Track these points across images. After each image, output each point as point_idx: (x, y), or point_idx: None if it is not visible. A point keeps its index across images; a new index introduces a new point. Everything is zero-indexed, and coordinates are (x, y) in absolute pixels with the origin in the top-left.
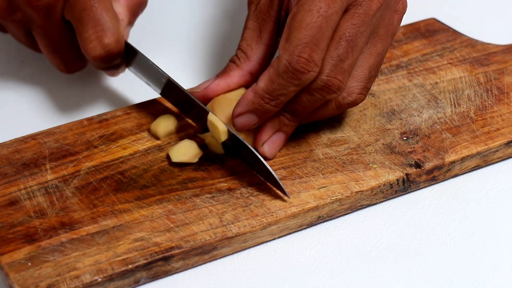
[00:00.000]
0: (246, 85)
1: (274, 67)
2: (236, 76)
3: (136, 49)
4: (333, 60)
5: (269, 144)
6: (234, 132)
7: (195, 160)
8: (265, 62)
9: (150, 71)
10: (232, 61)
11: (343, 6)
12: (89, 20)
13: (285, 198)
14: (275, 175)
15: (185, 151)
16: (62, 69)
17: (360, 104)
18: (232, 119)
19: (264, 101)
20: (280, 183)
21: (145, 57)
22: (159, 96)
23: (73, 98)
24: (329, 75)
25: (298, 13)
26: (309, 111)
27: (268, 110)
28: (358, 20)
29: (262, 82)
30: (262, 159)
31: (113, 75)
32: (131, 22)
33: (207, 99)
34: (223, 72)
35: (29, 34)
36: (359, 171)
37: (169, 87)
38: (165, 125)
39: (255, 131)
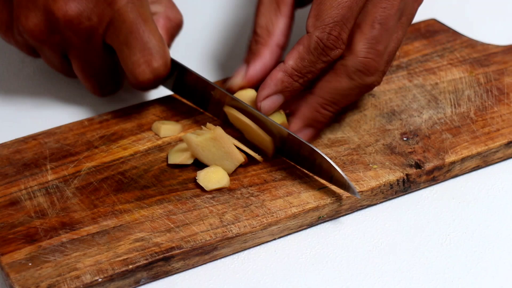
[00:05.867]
0: (278, 59)
1: (304, 44)
2: (267, 53)
3: (183, 65)
4: (368, 42)
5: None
6: (294, 134)
7: (190, 161)
8: (288, 33)
9: (195, 87)
10: (255, 42)
11: None
12: (136, 44)
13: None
14: (343, 174)
15: (180, 153)
16: (97, 92)
17: (360, 104)
18: (257, 103)
19: (293, 79)
20: (349, 182)
21: (192, 71)
22: (163, 96)
23: (74, 98)
24: (367, 56)
25: None
26: (348, 101)
27: (296, 89)
28: (387, 3)
29: (291, 61)
30: (329, 159)
31: (146, 91)
32: (168, 45)
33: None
34: (252, 55)
35: (64, 57)
36: (359, 172)
37: (208, 97)
38: (168, 127)
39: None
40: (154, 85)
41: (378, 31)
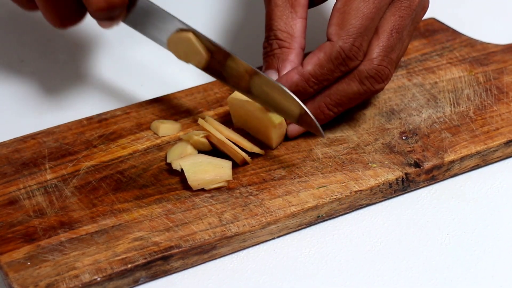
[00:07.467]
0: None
1: (325, 52)
2: (295, 57)
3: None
4: (384, 50)
5: (294, 126)
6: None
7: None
8: (305, 35)
9: (157, 21)
10: (278, 46)
11: None
12: None
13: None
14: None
15: (179, 152)
16: (57, 23)
17: (359, 104)
18: None
19: (309, 85)
20: (313, 118)
21: (153, 4)
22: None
23: (73, 97)
24: (381, 63)
25: (354, 0)
26: (352, 104)
27: (309, 93)
28: (404, 13)
29: (310, 66)
30: (295, 97)
31: (107, 27)
32: None
33: None
34: (280, 61)
35: None
36: (359, 171)
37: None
38: (167, 127)
39: None
40: (109, 14)
41: (395, 40)
